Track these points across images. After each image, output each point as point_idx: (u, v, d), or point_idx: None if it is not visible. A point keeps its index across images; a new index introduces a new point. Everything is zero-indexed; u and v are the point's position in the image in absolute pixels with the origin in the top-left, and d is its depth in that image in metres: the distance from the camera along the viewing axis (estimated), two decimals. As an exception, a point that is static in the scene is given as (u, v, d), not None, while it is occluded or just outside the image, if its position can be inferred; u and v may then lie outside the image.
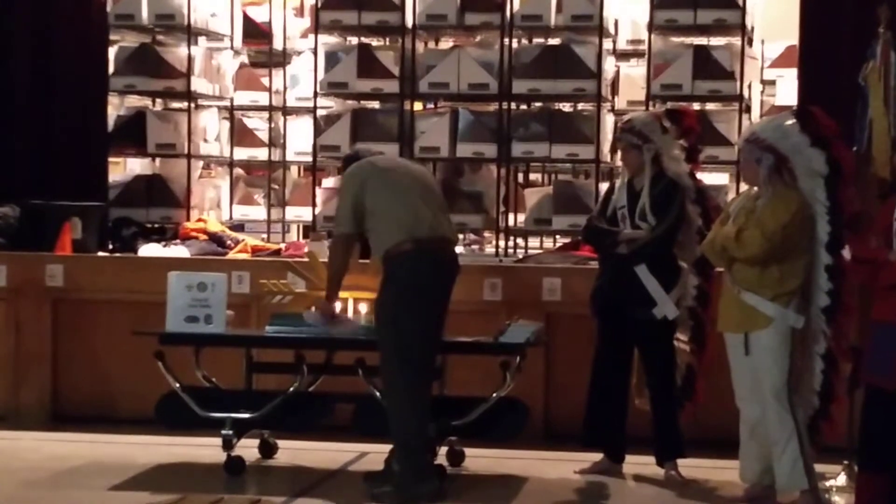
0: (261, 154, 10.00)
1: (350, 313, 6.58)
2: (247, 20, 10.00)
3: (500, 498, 6.07)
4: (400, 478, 5.86)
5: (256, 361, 6.75)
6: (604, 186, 7.84)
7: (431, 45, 9.24)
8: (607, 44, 8.90)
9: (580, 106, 9.01)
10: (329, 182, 9.12)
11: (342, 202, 6.06)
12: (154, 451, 6.85)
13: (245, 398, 6.57)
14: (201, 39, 9.52)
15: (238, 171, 10.18)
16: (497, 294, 7.34)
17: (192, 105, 9.24)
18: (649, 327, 6.42)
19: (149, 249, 8.20)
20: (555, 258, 7.80)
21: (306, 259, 7.03)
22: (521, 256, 8.46)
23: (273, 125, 10.01)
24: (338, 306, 6.54)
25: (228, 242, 8.38)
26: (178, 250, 8.15)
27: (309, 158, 9.21)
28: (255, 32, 10.06)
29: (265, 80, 9.99)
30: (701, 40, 8.77)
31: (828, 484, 6.19)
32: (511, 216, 8.84)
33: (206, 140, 9.46)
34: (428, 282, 5.89)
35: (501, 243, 8.75)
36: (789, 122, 6.00)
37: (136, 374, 7.27)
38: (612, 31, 9.10)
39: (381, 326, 5.95)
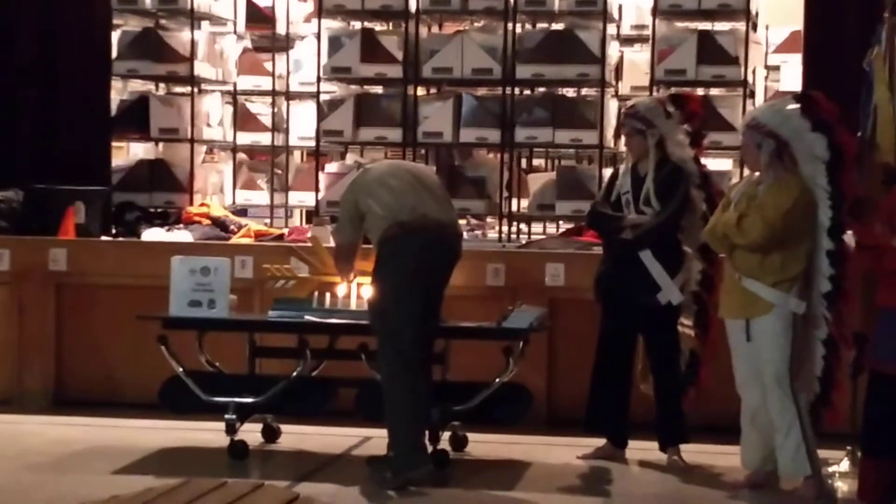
0: (264, 139, 9.99)
1: (353, 298, 6.59)
2: (250, 4, 9.98)
3: (502, 483, 6.07)
4: (394, 462, 5.88)
5: (259, 346, 6.76)
6: (607, 172, 7.83)
7: (435, 29, 9.23)
8: (611, 29, 8.88)
9: (584, 91, 8.99)
10: (332, 167, 9.12)
11: (341, 212, 6.32)
12: (157, 435, 6.86)
13: (248, 383, 6.58)
14: (204, 24, 9.51)
15: (241, 155, 10.17)
16: (500, 279, 7.34)
17: (196, 90, 9.23)
18: (653, 313, 6.42)
19: (152, 234, 8.20)
20: (558, 243, 7.80)
21: (309, 244, 7.03)
22: (524, 242, 8.45)
23: (276, 110, 10.00)
24: (341, 290, 6.57)
25: (232, 227, 8.38)
26: (182, 235, 8.15)
27: (312, 143, 9.21)
28: (259, 17, 10.04)
29: (268, 65, 9.97)
30: (705, 25, 8.75)
31: (831, 470, 6.19)
32: (514, 202, 8.84)
33: (209, 125, 9.45)
34: (414, 262, 5.92)
35: (504, 229, 8.75)
36: (790, 106, 5.98)
37: (139, 358, 7.28)
38: (615, 15, 9.07)
39: (373, 311, 6.02)
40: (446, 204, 6.22)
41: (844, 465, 6.23)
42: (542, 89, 8.81)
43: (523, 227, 9.24)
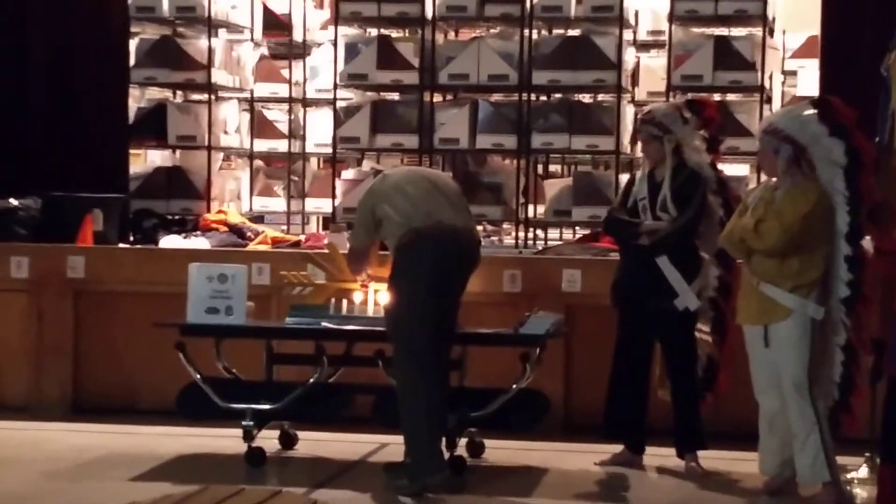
0: (281, 146, 10.02)
1: (370, 305, 6.60)
2: (267, 12, 10.02)
3: (520, 489, 6.07)
4: (411, 468, 5.88)
5: (277, 353, 6.77)
6: (624, 178, 7.83)
7: (451, 36, 9.24)
8: (627, 34, 8.88)
9: (600, 97, 8.99)
10: (349, 174, 9.13)
11: (357, 216, 6.35)
12: (175, 442, 6.87)
13: (265, 389, 6.59)
14: (221, 31, 9.54)
15: (258, 162, 10.20)
16: (517, 285, 7.34)
17: (213, 97, 9.27)
18: (670, 318, 6.41)
19: (169, 241, 8.22)
20: (575, 249, 7.79)
21: (326, 250, 7.05)
22: (540, 248, 8.45)
23: (293, 117, 10.02)
24: (358, 297, 6.58)
25: (249, 234, 8.39)
26: (199, 242, 8.17)
27: (329, 150, 9.22)
28: (275, 24, 10.07)
29: (285, 72, 10.00)
30: (722, 31, 8.74)
31: (850, 476, 6.17)
32: (531, 208, 8.84)
33: (226, 132, 9.49)
34: (429, 269, 5.91)
35: (521, 235, 8.75)
36: (807, 112, 5.97)
37: (157, 365, 7.30)
38: (632, 21, 9.08)
39: (389, 317, 6.03)
40: (463, 211, 6.23)
41: (863, 472, 6.20)
42: (558, 95, 8.81)
43: (540, 233, 9.24)
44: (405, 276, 5.95)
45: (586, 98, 9.04)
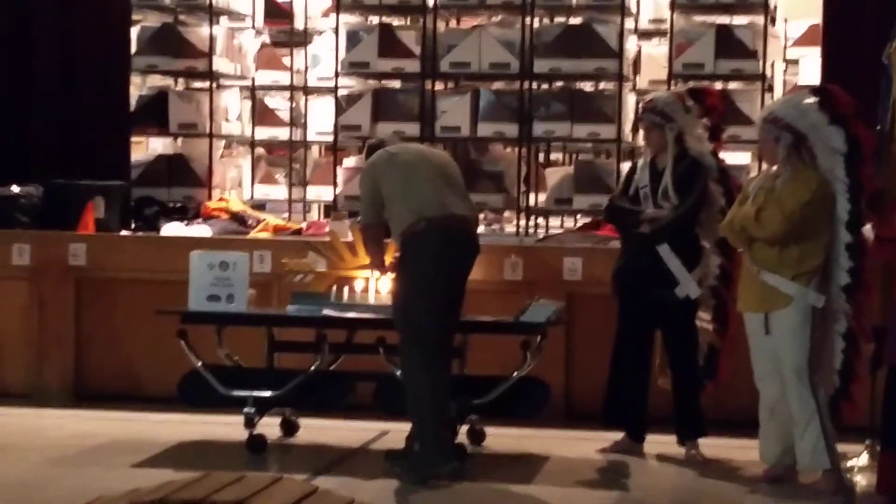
0: (282, 134, 10.01)
1: (371, 292, 6.60)
2: (268, 0, 10.01)
3: (521, 477, 6.08)
4: (420, 456, 5.89)
5: (278, 340, 6.78)
6: (625, 166, 7.83)
7: (453, 24, 9.23)
8: (629, 23, 8.87)
9: (602, 85, 8.99)
10: (350, 162, 9.13)
11: (362, 194, 6.23)
12: (176, 429, 6.89)
13: (267, 377, 6.60)
14: (223, 19, 9.54)
15: (259, 150, 10.19)
16: (518, 274, 7.34)
17: (214, 85, 9.26)
18: (671, 307, 6.42)
19: (171, 228, 8.23)
20: (576, 238, 7.80)
21: (327, 238, 7.05)
22: (541, 236, 8.45)
23: (294, 105, 10.01)
24: (360, 285, 6.58)
25: (250, 222, 8.40)
26: (200, 229, 8.18)
27: (330, 138, 9.22)
28: (277, 12, 10.06)
29: (286, 60, 9.99)
30: (723, 19, 8.74)
31: (850, 464, 6.17)
32: (532, 196, 8.84)
33: (227, 120, 9.48)
34: (440, 259, 5.91)
35: (522, 223, 8.75)
36: (807, 100, 5.98)
37: (158, 352, 7.31)
38: (633, 9, 9.07)
39: (397, 306, 6.01)
40: (466, 197, 6.23)
41: (863, 459, 6.21)
42: (559, 83, 8.81)
43: (541, 221, 9.24)
44: (416, 264, 5.91)
45: (588, 86, 9.03)
